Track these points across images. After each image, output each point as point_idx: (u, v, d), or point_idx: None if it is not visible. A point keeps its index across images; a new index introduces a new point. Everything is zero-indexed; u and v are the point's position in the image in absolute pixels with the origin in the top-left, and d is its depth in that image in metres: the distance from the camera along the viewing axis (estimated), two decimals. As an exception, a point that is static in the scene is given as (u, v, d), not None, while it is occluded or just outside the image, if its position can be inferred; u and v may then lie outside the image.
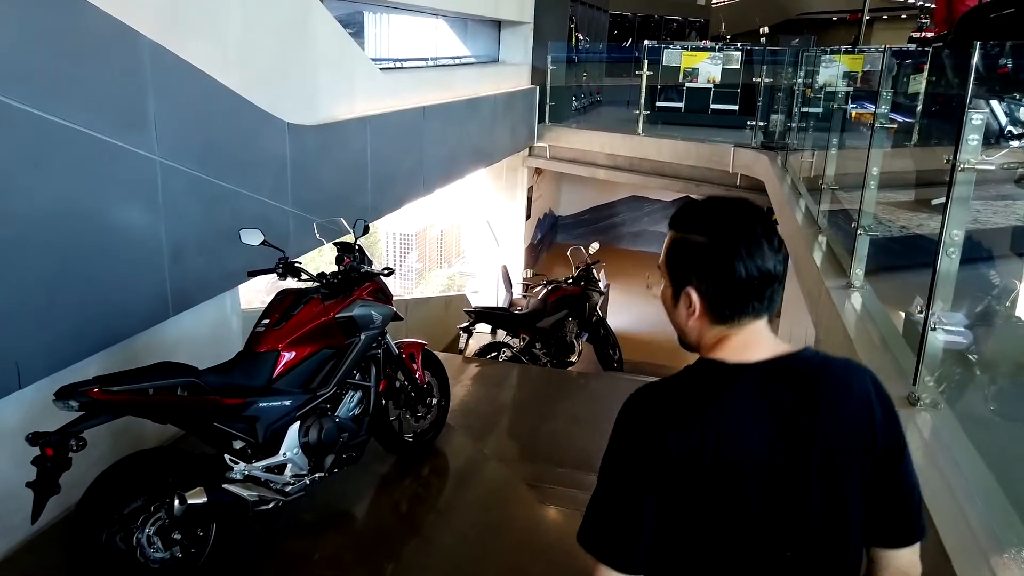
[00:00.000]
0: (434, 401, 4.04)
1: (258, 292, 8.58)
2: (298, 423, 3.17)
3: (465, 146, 8.01)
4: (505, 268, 10.50)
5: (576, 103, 12.71)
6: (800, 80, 8.69)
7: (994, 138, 5.48)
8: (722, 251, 1.21)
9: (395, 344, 3.82)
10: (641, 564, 1.20)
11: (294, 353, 3.17)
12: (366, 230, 3.63)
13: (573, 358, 7.52)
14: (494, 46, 11.00)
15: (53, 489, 2.43)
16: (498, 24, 10.93)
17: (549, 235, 16.27)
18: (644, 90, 10.39)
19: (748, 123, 10.43)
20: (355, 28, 7.84)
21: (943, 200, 5.03)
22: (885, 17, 29.72)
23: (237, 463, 2.91)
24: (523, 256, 12.37)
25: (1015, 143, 5.55)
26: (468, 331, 7.04)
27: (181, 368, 2.82)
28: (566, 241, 14.89)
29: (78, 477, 2.57)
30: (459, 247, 14.81)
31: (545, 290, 7.55)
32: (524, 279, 8.63)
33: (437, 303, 8.81)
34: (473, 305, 8.16)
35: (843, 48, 10.73)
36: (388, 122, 6.03)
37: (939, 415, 2.43)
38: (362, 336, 3.44)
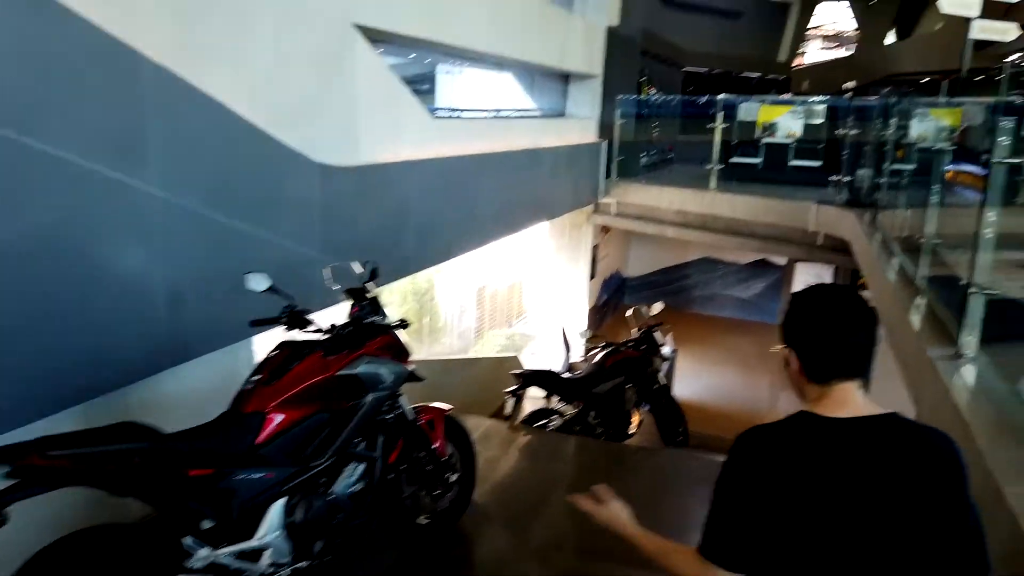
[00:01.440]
0: (454, 477, 3.50)
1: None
2: (284, 500, 2.69)
3: (523, 198, 7.63)
4: (564, 331, 9.95)
5: (646, 159, 12.24)
6: (891, 133, 7.98)
7: None
8: (812, 324, 1.53)
9: (412, 408, 3.33)
10: (736, 562, 1.45)
11: (284, 416, 2.72)
12: (375, 274, 3.19)
13: (631, 430, 6.85)
14: (561, 99, 10.72)
15: None
16: (565, 77, 10.67)
17: (616, 297, 15.65)
18: (717, 143, 9.82)
19: (832, 178, 9.68)
20: (428, 84, 7.77)
21: None
22: (979, 79, 28.35)
23: (200, 547, 2.44)
24: (586, 318, 11.79)
25: None
26: (516, 395, 6.49)
27: (142, 431, 2.41)
28: (634, 303, 14.24)
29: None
30: (520, 307, 14.37)
31: (602, 353, 6.96)
32: (584, 341, 8.05)
33: (487, 364, 8.29)
34: (524, 367, 7.62)
35: (942, 100, 9.96)
36: (437, 168, 5.69)
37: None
38: (368, 398, 2.97)
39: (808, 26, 27.88)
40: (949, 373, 2.93)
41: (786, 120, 10.97)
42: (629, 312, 7.67)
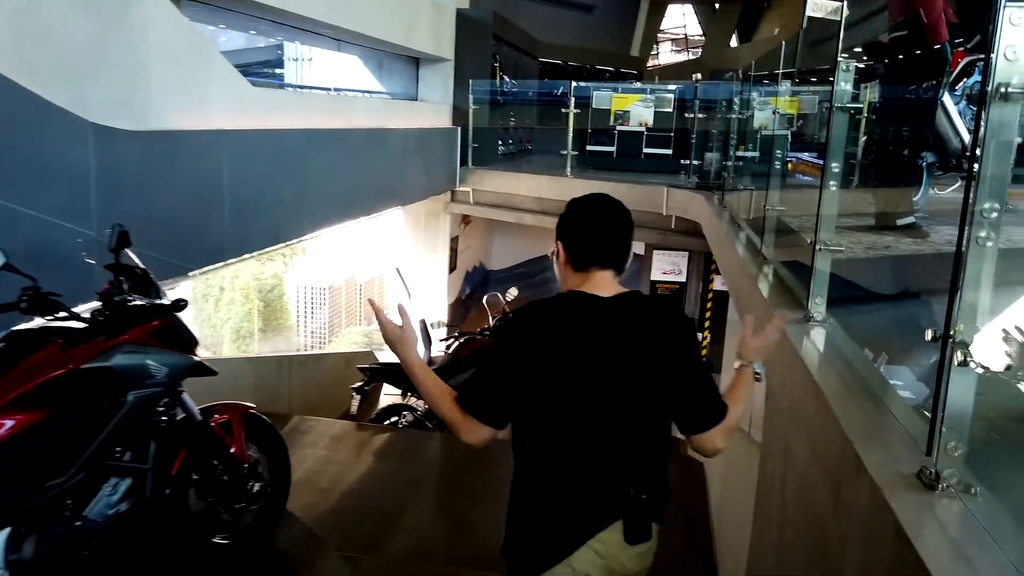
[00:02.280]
0: (258, 486, 2.94)
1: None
2: (7, 530, 2.07)
3: (367, 182, 7.06)
4: (424, 322, 9.48)
5: (503, 148, 11.97)
6: (736, 116, 8.10)
7: (954, 159, 4.78)
8: (577, 223, 1.83)
9: (202, 408, 2.76)
10: (502, 421, 1.75)
11: (10, 423, 2.10)
12: (124, 240, 2.57)
13: (490, 422, 6.51)
14: (412, 84, 10.24)
15: None
16: (416, 61, 10.21)
17: (480, 290, 15.32)
18: (571, 128, 9.68)
19: (683, 162, 9.80)
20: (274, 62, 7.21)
21: (910, 219, 4.28)
22: (814, 80, 30.41)
23: None
24: (447, 312, 11.37)
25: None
26: (362, 392, 5.96)
27: None
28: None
29: None
30: (382, 303, 13.74)
31: (456, 343, 6.56)
32: (445, 332, 7.62)
33: (333, 361, 7.66)
34: (375, 362, 7.08)
35: (782, 88, 10.33)
36: (257, 141, 5.06)
37: (976, 506, 1.51)
38: (130, 397, 2.38)
39: (659, 26, 28.90)
40: (799, 337, 2.73)
41: (638, 108, 11.02)
42: (486, 299, 7.33)
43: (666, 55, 37.56)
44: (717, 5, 29.70)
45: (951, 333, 1.54)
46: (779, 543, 2.67)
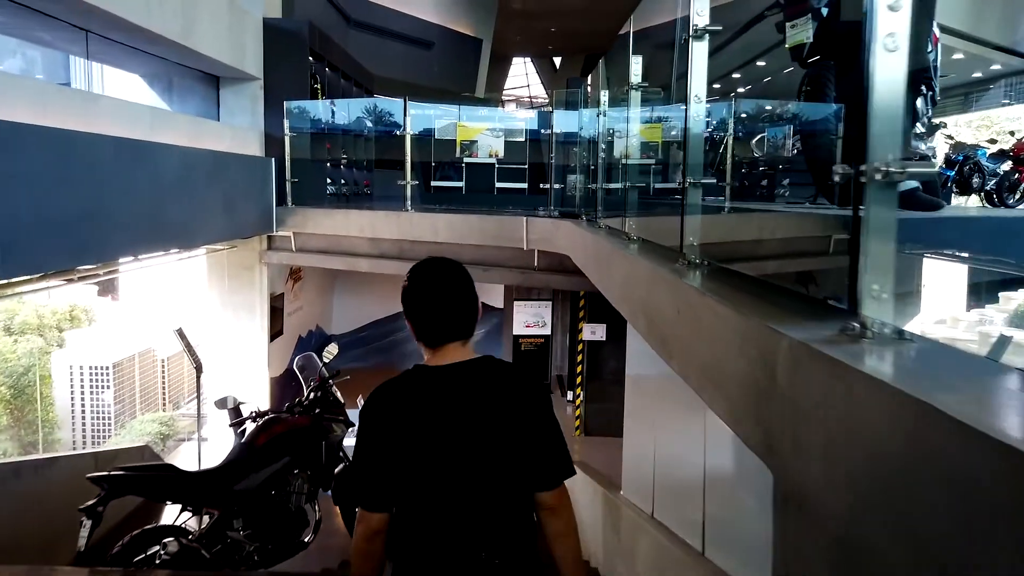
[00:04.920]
0: None
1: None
2: None
3: (122, 209, 5.06)
4: (228, 402, 7.40)
5: (334, 188, 10.24)
6: (603, 134, 6.91)
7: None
8: (414, 299, 1.96)
9: None
10: (383, 503, 1.86)
11: None
12: None
13: (306, 537, 4.59)
14: (213, 107, 8.39)
15: None
16: (217, 81, 8.38)
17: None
18: (409, 150, 8.10)
19: (543, 186, 8.51)
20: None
21: (913, 184, 3.01)
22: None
23: None
24: (268, 388, 9.27)
25: (922, 145, 3.77)
26: (94, 514, 3.87)
27: None
28: (340, 366, 11.90)
29: None
30: (192, 383, 11.33)
31: (255, 425, 4.69)
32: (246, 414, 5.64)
33: (69, 467, 5.22)
34: (117, 467, 4.95)
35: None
36: None
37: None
38: None
39: (505, 74, 28.66)
40: (861, 360, 1.23)
41: (486, 138, 9.73)
42: (296, 362, 5.50)
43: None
44: (558, 62, 29.99)
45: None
46: None
